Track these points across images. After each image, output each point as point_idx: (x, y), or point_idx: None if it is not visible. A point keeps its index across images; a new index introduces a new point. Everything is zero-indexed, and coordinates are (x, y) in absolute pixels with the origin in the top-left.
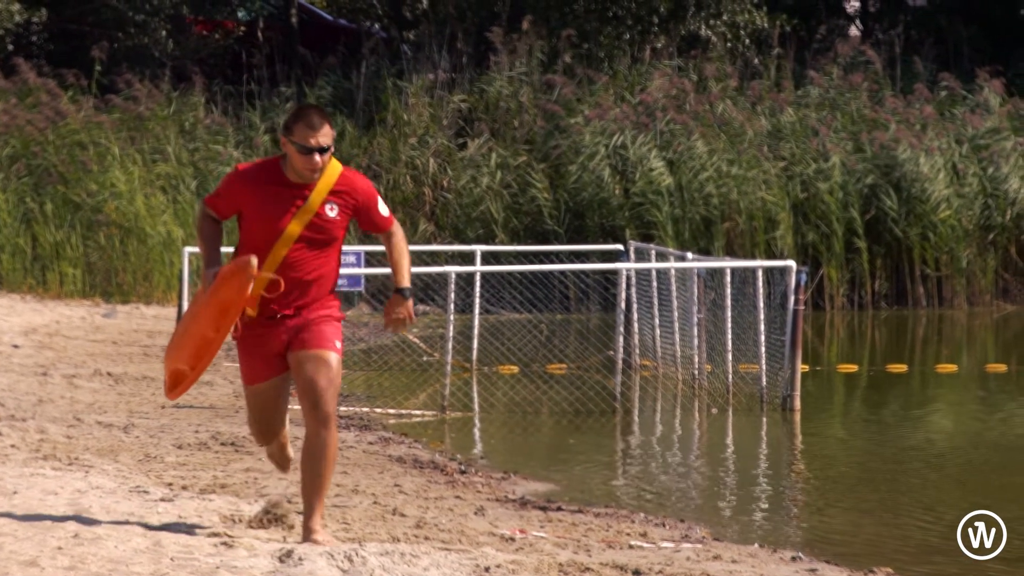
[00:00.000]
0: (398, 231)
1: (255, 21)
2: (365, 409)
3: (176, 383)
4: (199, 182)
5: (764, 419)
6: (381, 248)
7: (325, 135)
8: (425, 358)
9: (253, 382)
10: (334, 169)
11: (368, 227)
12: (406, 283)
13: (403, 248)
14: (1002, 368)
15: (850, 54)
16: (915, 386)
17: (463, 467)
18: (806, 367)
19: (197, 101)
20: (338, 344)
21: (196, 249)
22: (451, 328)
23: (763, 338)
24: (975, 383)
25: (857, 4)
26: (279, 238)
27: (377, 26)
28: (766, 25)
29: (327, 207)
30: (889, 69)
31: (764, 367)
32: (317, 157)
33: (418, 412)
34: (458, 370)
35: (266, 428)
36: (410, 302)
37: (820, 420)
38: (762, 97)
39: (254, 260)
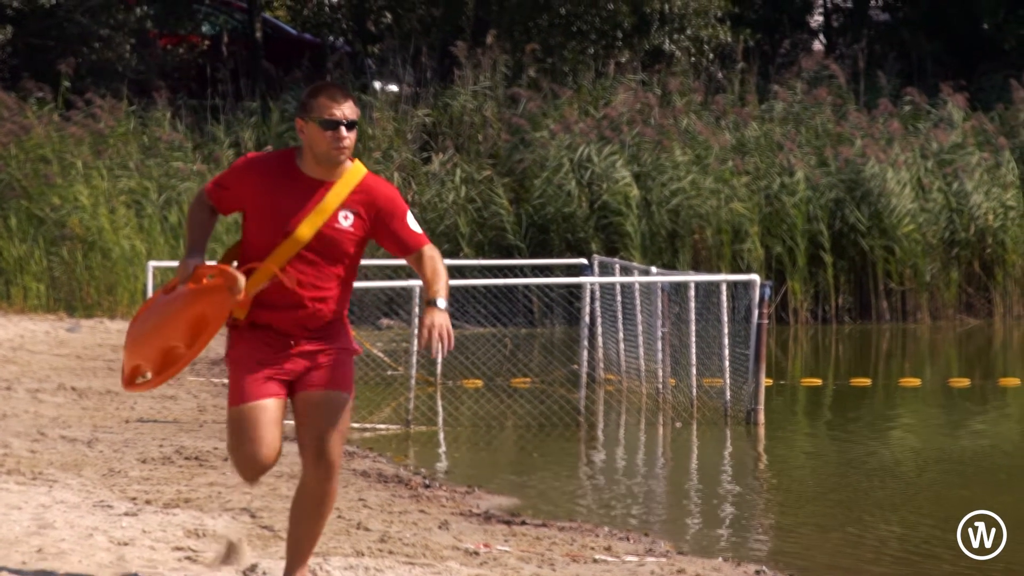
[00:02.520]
0: (432, 250)
1: (219, 36)
2: None
3: (133, 378)
4: (164, 197)
5: (728, 433)
6: None
7: (350, 109)
8: (389, 372)
9: (244, 400)
10: (357, 170)
11: (392, 246)
12: (442, 294)
13: (439, 264)
14: (965, 382)
15: (814, 68)
16: (879, 400)
17: (427, 481)
18: (770, 381)
19: (160, 116)
20: (350, 384)
21: (160, 263)
22: (416, 342)
23: (727, 352)
24: (938, 397)
25: (821, 19)
26: (285, 241)
27: (341, 40)
28: (730, 40)
29: (341, 215)
30: (853, 84)
31: (728, 381)
32: (344, 131)
33: (383, 426)
34: (422, 384)
35: (256, 460)
36: (446, 316)
37: (784, 434)
38: (726, 111)
39: (242, 281)
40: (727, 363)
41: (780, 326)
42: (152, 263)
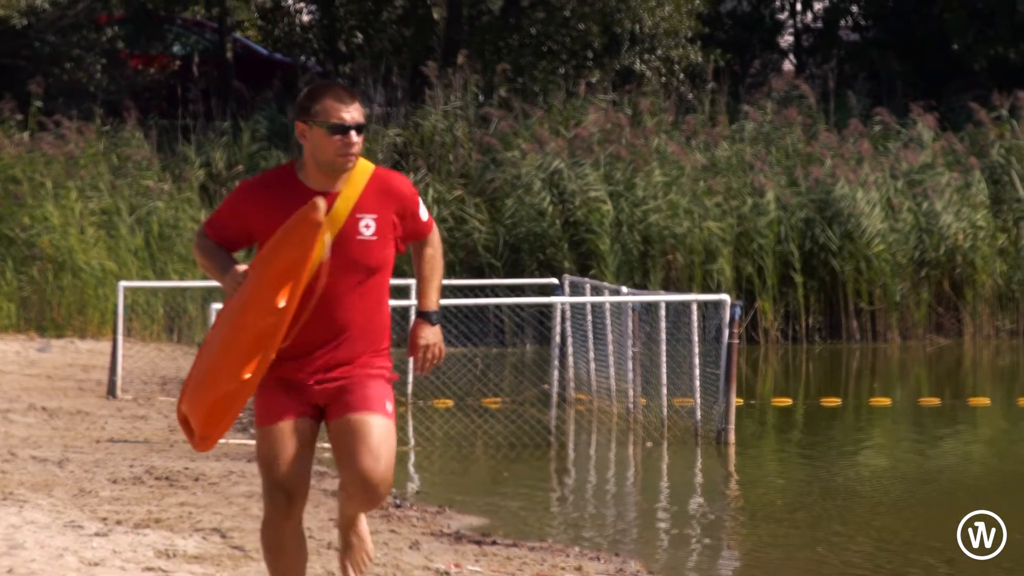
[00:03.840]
0: (435, 239)
1: (190, 56)
2: None
3: (210, 423)
4: (135, 217)
5: (699, 452)
6: None
7: (358, 110)
8: None
9: (272, 420)
10: (363, 169)
11: (406, 238)
12: (433, 305)
13: (437, 261)
14: (935, 402)
15: (784, 88)
16: (849, 420)
17: (398, 501)
18: (740, 401)
19: (129, 136)
20: (389, 407)
21: (131, 283)
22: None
23: (698, 372)
24: (908, 416)
25: (791, 39)
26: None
27: (313, 60)
28: (700, 60)
29: (361, 224)
30: (823, 104)
31: (699, 401)
32: (353, 135)
33: None
34: None
35: (286, 491)
36: (438, 330)
37: (754, 453)
38: (697, 131)
39: (321, 201)
40: (697, 383)
41: (750, 346)
42: (123, 283)
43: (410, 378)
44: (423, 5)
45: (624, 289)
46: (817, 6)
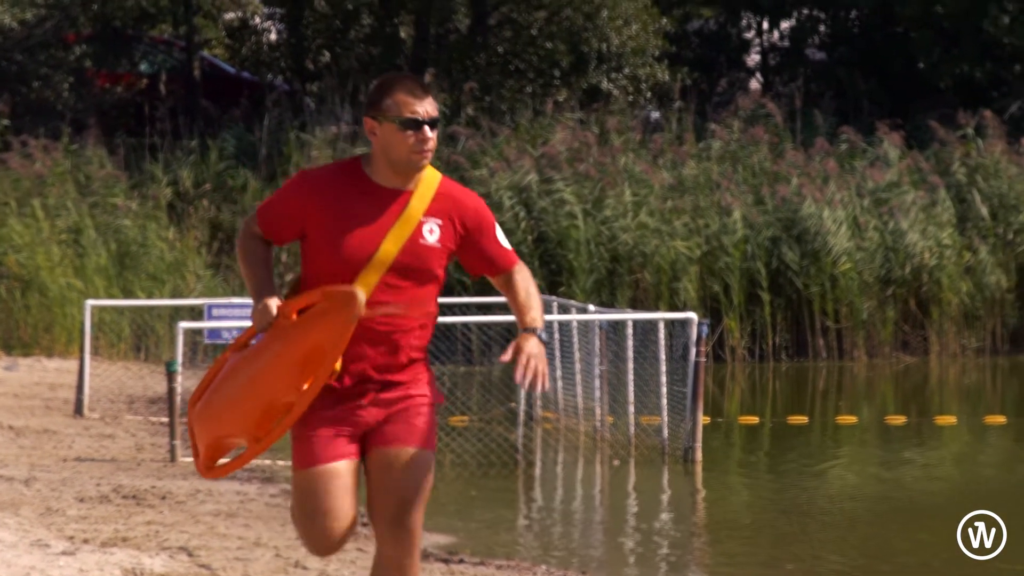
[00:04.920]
0: (523, 272)
1: (158, 74)
2: (267, 461)
3: (213, 460)
4: (102, 238)
5: (666, 471)
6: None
7: (431, 104)
8: None
9: (315, 462)
10: (431, 175)
11: (478, 266)
12: (538, 321)
13: (533, 287)
14: (901, 420)
15: (751, 107)
16: (815, 438)
17: (365, 519)
18: (707, 419)
19: (92, 154)
20: (434, 439)
21: (98, 302)
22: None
23: (665, 390)
24: (875, 435)
25: (758, 58)
26: (368, 263)
27: (280, 79)
28: (667, 79)
29: (426, 228)
30: (789, 122)
31: (666, 419)
32: (428, 131)
33: None
34: None
35: (329, 535)
36: (543, 349)
37: (722, 472)
38: (664, 150)
39: (361, 295)
40: (665, 401)
41: (717, 364)
42: (90, 302)
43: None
44: (390, 24)
45: (591, 307)
46: (784, 25)
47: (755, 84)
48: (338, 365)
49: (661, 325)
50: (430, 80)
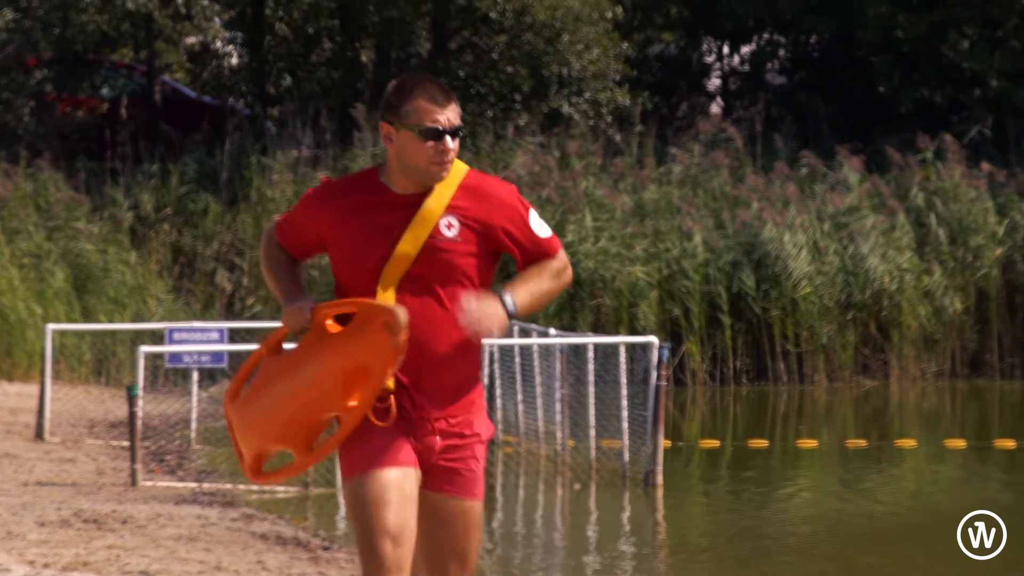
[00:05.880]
0: (563, 256)
1: (119, 98)
2: (228, 485)
3: (260, 464)
4: (63, 261)
5: (627, 494)
6: (246, 324)
7: (454, 112)
8: None
9: (371, 467)
10: (456, 169)
11: (518, 259)
12: (518, 296)
13: (550, 272)
14: (862, 443)
15: (711, 131)
16: (776, 461)
17: (326, 544)
18: (668, 443)
19: (48, 178)
20: (483, 486)
21: (59, 326)
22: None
23: (626, 414)
24: (835, 458)
25: (718, 82)
26: (383, 269)
27: (241, 103)
28: (628, 103)
29: (443, 223)
30: (750, 146)
31: (627, 443)
32: (450, 141)
33: (281, 488)
34: (320, 445)
35: (392, 546)
36: (503, 315)
37: (682, 495)
38: (625, 174)
39: (402, 314)
40: (626, 425)
41: (678, 388)
42: (51, 326)
43: None
44: (351, 48)
45: (552, 331)
46: (744, 49)
47: (716, 108)
48: (390, 382)
49: (622, 349)
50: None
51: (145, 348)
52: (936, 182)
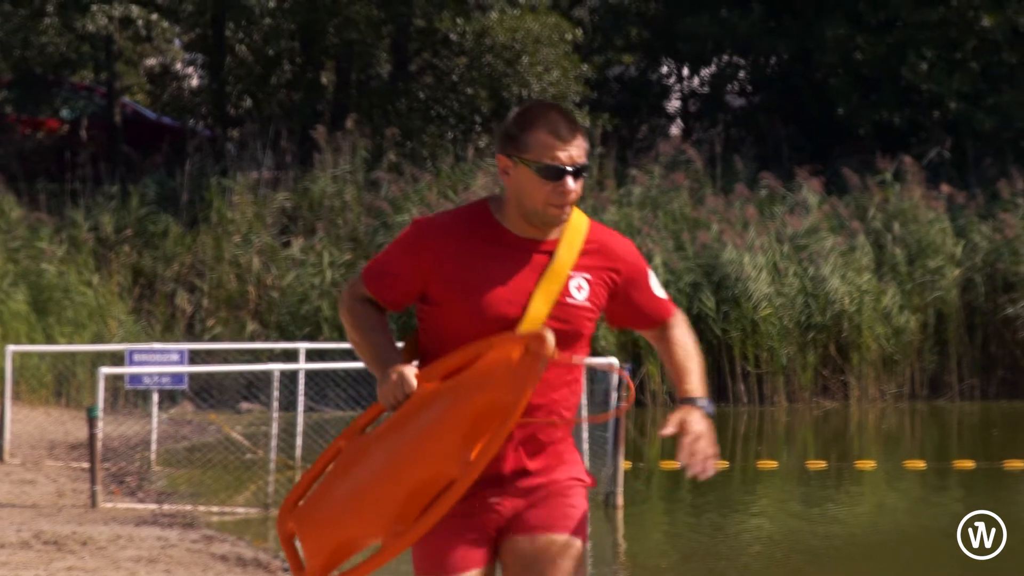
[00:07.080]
0: (682, 320)
1: (79, 120)
2: (188, 507)
3: (334, 563)
4: (23, 282)
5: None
6: (206, 345)
7: (579, 149)
8: (248, 455)
9: (444, 572)
10: (578, 220)
11: (629, 319)
12: (698, 390)
13: (692, 343)
14: (822, 464)
15: (671, 153)
16: (736, 482)
17: (286, 565)
18: (629, 464)
19: (4, 200)
20: (586, 527)
21: (20, 348)
22: (275, 425)
23: (586, 435)
24: (795, 479)
25: (678, 104)
26: (515, 326)
27: (202, 124)
28: (588, 124)
29: (572, 284)
30: (710, 168)
31: (587, 464)
32: (571, 182)
33: (242, 509)
34: (282, 467)
35: None
36: (709, 424)
37: (643, 516)
38: (585, 196)
39: (550, 337)
40: (586, 446)
41: (638, 409)
42: (11, 347)
43: (299, 441)
44: (312, 69)
45: None
46: (704, 71)
47: (675, 130)
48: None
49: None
50: (351, 126)
51: (105, 369)
52: (895, 203)
